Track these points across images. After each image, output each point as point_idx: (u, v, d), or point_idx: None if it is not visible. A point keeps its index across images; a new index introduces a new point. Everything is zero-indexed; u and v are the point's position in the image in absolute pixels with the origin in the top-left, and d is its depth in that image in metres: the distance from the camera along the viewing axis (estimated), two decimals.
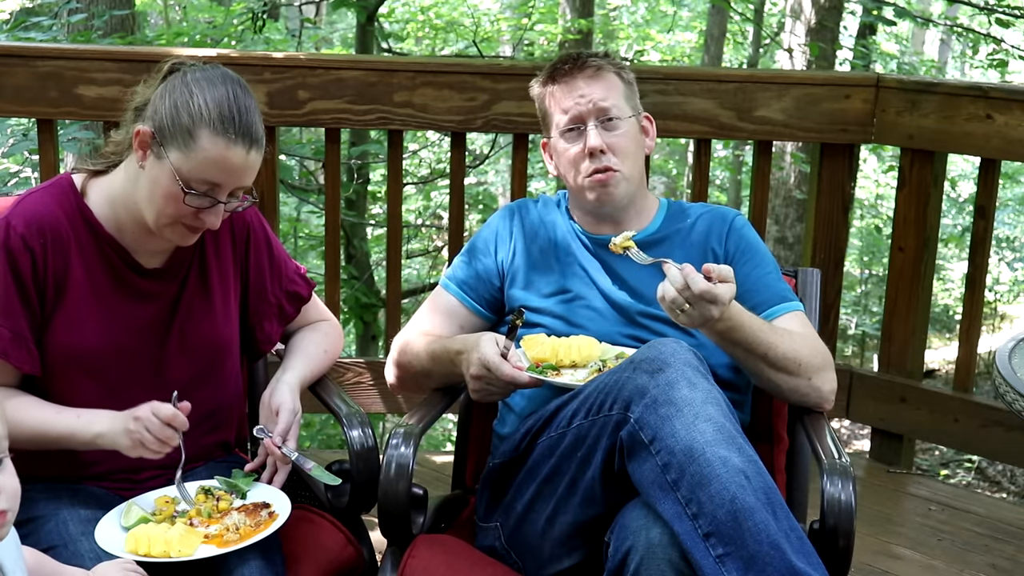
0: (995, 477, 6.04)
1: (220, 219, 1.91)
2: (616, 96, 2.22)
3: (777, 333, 2.06)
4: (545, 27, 8.49)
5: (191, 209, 1.87)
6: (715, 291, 1.88)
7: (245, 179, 1.90)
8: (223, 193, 1.88)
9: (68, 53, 3.24)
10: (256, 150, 1.89)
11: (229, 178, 1.87)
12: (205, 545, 1.80)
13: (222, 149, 1.84)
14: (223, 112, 1.85)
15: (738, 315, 1.98)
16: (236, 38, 6.24)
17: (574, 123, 2.21)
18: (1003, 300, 9.95)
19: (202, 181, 1.86)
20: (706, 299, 1.88)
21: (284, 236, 6.82)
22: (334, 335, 2.26)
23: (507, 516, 2.03)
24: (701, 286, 1.88)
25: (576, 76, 2.22)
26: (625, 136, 2.21)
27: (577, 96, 2.21)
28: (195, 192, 1.86)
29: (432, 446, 6.90)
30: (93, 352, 1.94)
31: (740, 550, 1.66)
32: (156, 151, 1.87)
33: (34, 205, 1.93)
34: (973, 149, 3.31)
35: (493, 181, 10.28)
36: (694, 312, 1.90)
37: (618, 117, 2.21)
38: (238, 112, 1.86)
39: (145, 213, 1.91)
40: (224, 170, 1.86)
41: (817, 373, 2.09)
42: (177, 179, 1.85)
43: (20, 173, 5.12)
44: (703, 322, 1.92)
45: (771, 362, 2.04)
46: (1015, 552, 3.02)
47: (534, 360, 2.08)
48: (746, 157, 9.33)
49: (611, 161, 2.19)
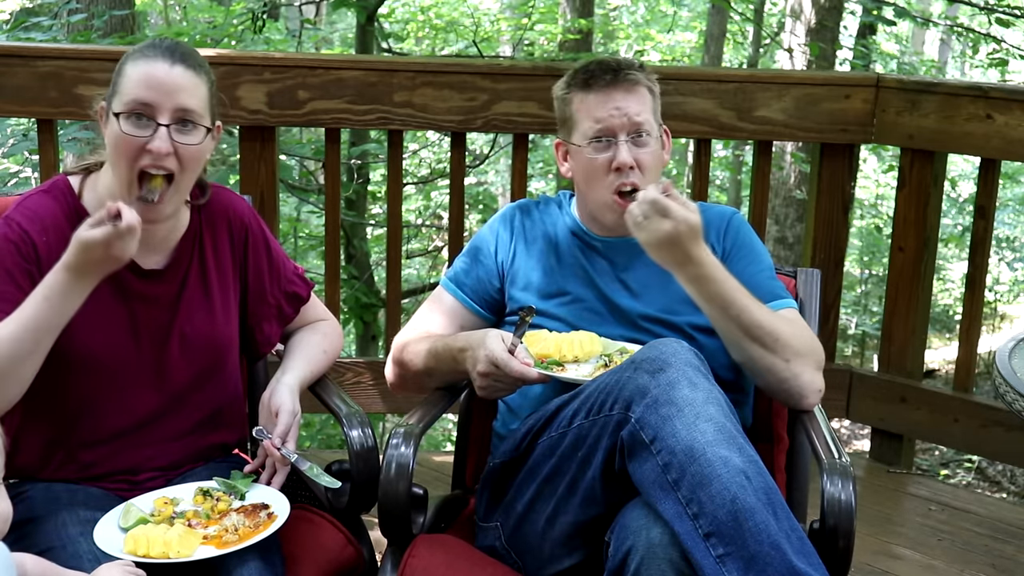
0: (995, 477, 6.04)
1: (167, 144, 1.87)
2: (648, 112, 2.20)
3: (755, 303, 2.05)
4: (545, 27, 8.49)
5: (137, 142, 1.86)
6: (664, 202, 1.94)
7: (180, 96, 1.88)
8: (162, 115, 1.87)
9: (68, 53, 3.24)
10: (184, 66, 1.89)
11: (158, 95, 1.87)
12: (204, 546, 1.80)
13: (143, 67, 1.88)
14: (145, 45, 1.93)
15: (711, 266, 2.00)
16: (236, 38, 6.24)
17: (605, 135, 2.17)
18: (1003, 300, 9.96)
19: (133, 103, 1.86)
20: (656, 210, 1.95)
21: (284, 236, 6.81)
22: (333, 335, 2.26)
23: (507, 516, 2.03)
24: (651, 194, 1.96)
25: (614, 88, 2.18)
26: (652, 154, 2.20)
27: (612, 108, 2.17)
28: (131, 118, 1.86)
29: (432, 446, 6.90)
30: (92, 352, 1.94)
31: (741, 550, 1.66)
32: (106, 115, 1.91)
33: (34, 205, 1.94)
34: (973, 149, 3.31)
35: (493, 181, 10.27)
36: (650, 225, 1.96)
37: (648, 133, 2.19)
38: (161, 41, 1.92)
39: (118, 187, 1.91)
40: (150, 86, 1.87)
41: (796, 357, 2.05)
42: (116, 117, 1.87)
43: (20, 173, 5.12)
44: (657, 239, 1.97)
45: (745, 326, 2.02)
46: (1015, 552, 3.02)
47: (537, 356, 2.08)
48: (746, 157, 9.33)
49: (637, 178, 2.16)
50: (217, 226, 2.07)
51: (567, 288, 2.23)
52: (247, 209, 2.14)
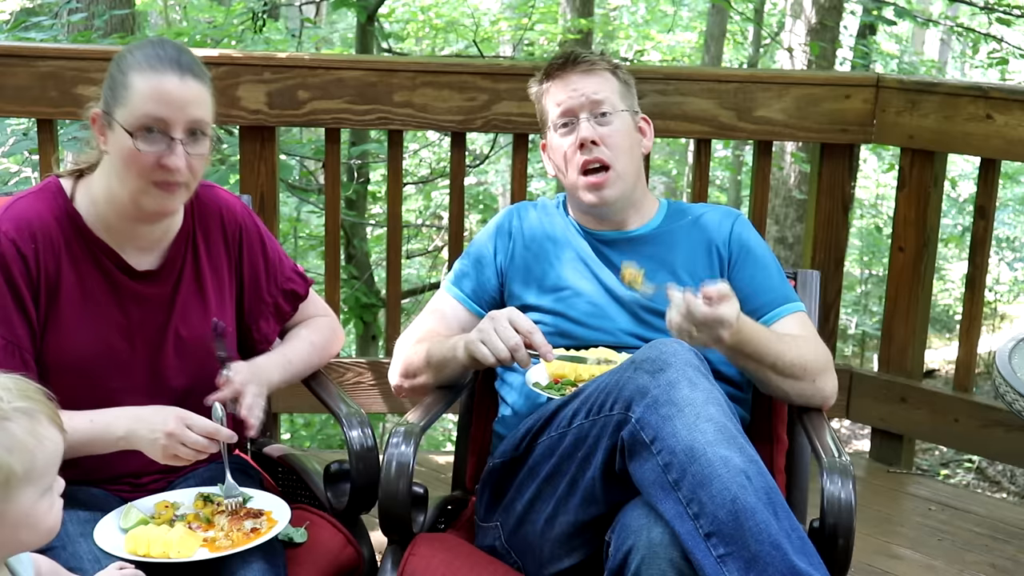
0: (995, 477, 6.04)
1: (183, 160, 1.87)
2: (609, 91, 2.23)
3: (784, 342, 2.07)
4: (545, 27, 8.49)
5: (150, 158, 1.85)
6: (719, 314, 1.89)
7: (192, 110, 1.88)
8: (174, 129, 1.86)
9: (68, 53, 3.24)
10: (192, 78, 1.88)
11: (171, 110, 1.86)
12: (204, 548, 1.80)
13: (153, 82, 1.85)
14: (147, 53, 1.88)
15: (748, 329, 1.99)
16: (236, 38, 6.24)
17: (567, 116, 2.22)
18: (1003, 300, 9.96)
19: (146, 118, 1.85)
20: (709, 324, 1.90)
21: (284, 236, 6.81)
22: (325, 328, 2.24)
23: (507, 516, 2.03)
24: (702, 313, 1.88)
25: (570, 71, 2.24)
26: (618, 131, 2.21)
27: (570, 90, 2.22)
28: (144, 135, 1.85)
29: (432, 446, 6.90)
30: (86, 357, 1.93)
31: (741, 550, 1.66)
32: (108, 123, 1.88)
33: (23, 210, 1.92)
34: (973, 149, 3.31)
35: (493, 181, 10.27)
36: (702, 336, 1.91)
37: (611, 111, 2.21)
38: (164, 50, 1.88)
39: (119, 192, 1.90)
40: (163, 101, 1.85)
41: (820, 375, 2.11)
42: (126, 132, 1.85)
43: (20, 173, 5.12)
44: (715, 343, 1.94)
45: (780, 371, 2.05)
46: (1015, 552, 3.02)
47: (553, 376, 2.08)
48: (746, 157, 9.33)
49: (603, 153, 2.19)
50: (210, 225, 2.07)
51: (568, 283, 2.24)
52: (240, 207, 2.13)
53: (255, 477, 2.13)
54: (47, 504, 1.45)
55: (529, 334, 2.00)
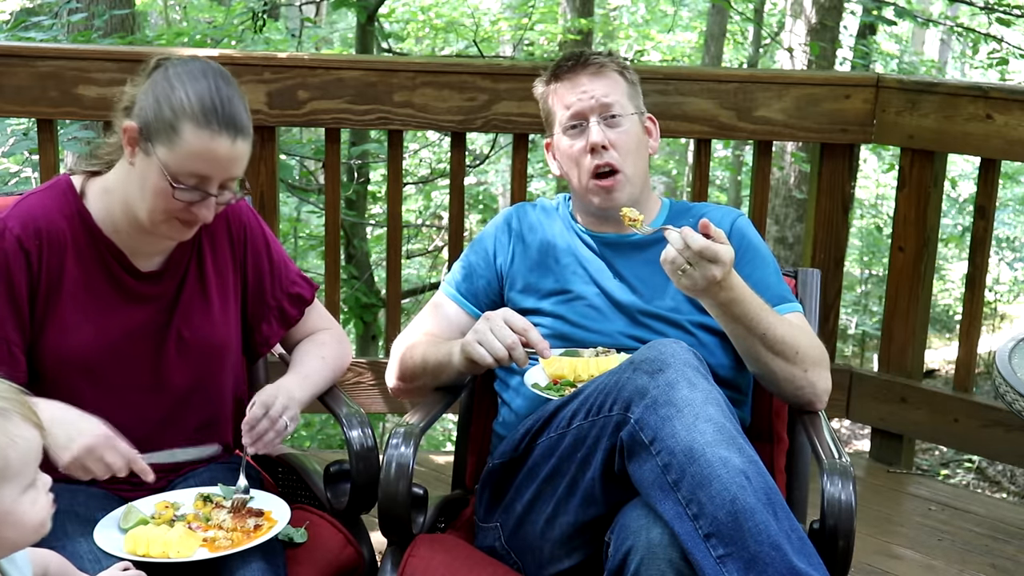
0: (995, 477, 6.04)
1: (213, 212, 1.89)
2: (619, 94, 2.23)
3: (777, 316, 2.06)
4: (545, 27, 8.50)
5: (182, 203, 1.86)
6: (714, 248, 1.89)
7: (234, 169, 1.88)
8: (213, 185, 1.87)
9: (68, 53, 3.24)
10: (242, 139, 1.87)
11: (216, 170, 1.86)
12: (204, 548, 1.80)
13: (206, 141, 1.83)
14: (204, 104, 1.83)
15: (740, 287, 1.98)
16: (236, 38, 6.24)
17: (576, 119, 2.21)
18: (1003, 300, 9.96)
19: (190, 174, 1.84)
20: (706, 257, 1.88)
21: (284, 236, 6.82)
22: (332, 342, 2.21)
23: (507, 516, 2.03)
24: (699, 243, 1.88)
25: (579, 73, 2.23)
26: (627, 134, 2.21)
27: (580, 92, 2.21)
28: (184, 186, 1.84)
29: (432, 446, 6.90)
30: (88, 355, 1.93)
31: (741, 551, 1.66)
32: (144, 147, 1.86)
33: (32, 207, 1.93)
34: (973, 149, 3.30)
35: (493, 181, 10.27)
36: (696, 273, 1.90)
37: (620, 114, 2.21)
38: (220, 103, 1.84)
39: (138, 210, 1.90)
40: (210, 162, 1.84)
41: (813, 367, 2.08)
42: (165, 174, 1.84)
43: (20, 173, 5.12)
44: (706, 284, 1.91)
45: (769, 343, 2.03)
46: (1015, 552, 3.02)
47: (552, 377, 2.08)
48: (746, 157, 9.33)
49: (613, 158, 2.19)
50: (215, 227, 2.06)
51: (567, 286, 2.24)
52: (246, 209, 2.13)
53: (255, 477, 2.13)
54: (29, 501, 1.44)
55: (525, 332, 2.00)
